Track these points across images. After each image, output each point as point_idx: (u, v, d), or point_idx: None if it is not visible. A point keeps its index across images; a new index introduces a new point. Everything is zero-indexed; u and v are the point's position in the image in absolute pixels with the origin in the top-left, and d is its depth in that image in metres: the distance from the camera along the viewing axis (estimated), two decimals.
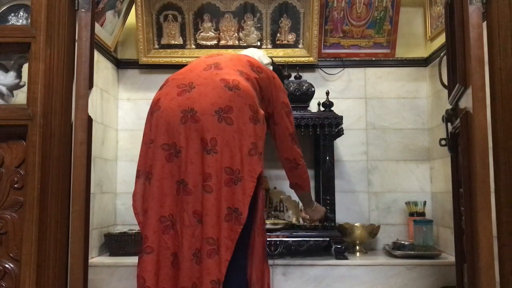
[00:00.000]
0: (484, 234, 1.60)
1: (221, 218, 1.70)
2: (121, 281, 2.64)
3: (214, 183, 1.71)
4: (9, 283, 1.58)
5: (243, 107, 1.80)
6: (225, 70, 1.90)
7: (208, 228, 1.69)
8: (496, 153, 1.65)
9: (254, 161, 1.76)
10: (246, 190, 1.72)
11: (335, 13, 3.20)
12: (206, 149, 1.73)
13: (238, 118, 1.77)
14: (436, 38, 3.09)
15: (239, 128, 1.77)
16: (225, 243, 1.69)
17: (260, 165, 1.78)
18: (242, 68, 1.95)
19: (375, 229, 2.96)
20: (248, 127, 1.78)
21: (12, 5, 1.95)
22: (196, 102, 1.78)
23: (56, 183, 1.66)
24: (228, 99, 1.79)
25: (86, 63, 1.75)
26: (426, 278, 2.63)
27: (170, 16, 3.20)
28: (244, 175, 1.73)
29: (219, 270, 1.67)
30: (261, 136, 1.83)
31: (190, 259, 1.71)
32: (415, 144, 3.26)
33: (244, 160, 1.75)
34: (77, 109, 1.73)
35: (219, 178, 1.72)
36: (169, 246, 1.76)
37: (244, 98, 1.82)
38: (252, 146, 1.76)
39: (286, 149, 2.13)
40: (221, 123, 1.75)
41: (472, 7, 1.68)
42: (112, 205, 3.16)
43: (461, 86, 1.80)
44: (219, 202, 1.71)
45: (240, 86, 1.84)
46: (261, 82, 2.00)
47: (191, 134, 1.75)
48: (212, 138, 1.74)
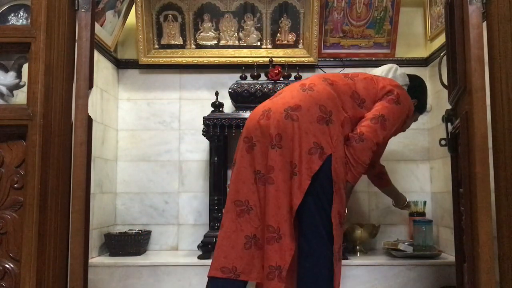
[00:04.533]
0: (484, 234, 1.60)
1: (287, 210, 1.82)
2: (121, 281, 2.64)
3: (276, 176, 1.82)
4: (9, 283, 1.58)
5: (312, 106, 1.87)
6: (310, 78, 2.08)
7: (269, 216, 1.82)
8: (496, 153, 1.65)
9: (313, 160, 1.81)
10: (302, 185, 1.80)
11: (335, 13, 3.20)
12: (272, 144, 1.85)
13: (304, 116, 1.85)
14: (436, 38, 3.09)
15: (303, 126, 1.84)
16: (290, 233, 1.81)
17: (317, 163, 1.81)
18: (329, 76, 2.09)
19: (375, 229, 2.96)
20: (313, 126, 1.85)
21: (12, 5, 1.96)
22: (275, 104, 1.94)
23: (56, 183, 1.66)
24: (299, 98, 1.90)
25: (86, 63, 1.75)
26: (426, 278, 2.63)
27: (170, 16, 3.20)
28: (301, 170, 1.81)
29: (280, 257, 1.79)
30: (332, 136, 1.86)
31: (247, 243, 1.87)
32: (415, 144, 3.26)
33: (302, 158, 1.82)
34: (77, 109, 1.73)
35: (282, 171, 1.83)
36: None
37: (315, 99, 1.90)
38: (313, 146, 1.82)
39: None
40: (287, 119, 1.85)
41: (472, 7, 1.68)
42: (112, 205, 3.16)
43: (461, 86, 1.80)
44: (279, 193, 1.82)
45: (315, 88, 1.94)
46: (357, 84, 2.06)
47: (262, 130, 1.89)
48: (277, 134, 1.85)
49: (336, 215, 1.84)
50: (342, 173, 1.88)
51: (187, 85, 3.31)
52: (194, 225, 3.19)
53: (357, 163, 1.93)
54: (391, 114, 2.03)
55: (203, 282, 1.91)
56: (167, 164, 3.24)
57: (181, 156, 3.25)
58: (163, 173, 3.24)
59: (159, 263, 2.68)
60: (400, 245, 2.79)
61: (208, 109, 2.96)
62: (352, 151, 1.93)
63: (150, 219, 3.20)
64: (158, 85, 3.30)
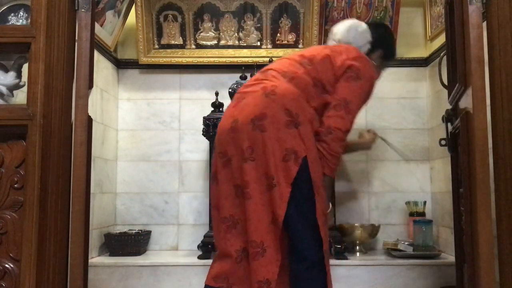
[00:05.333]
0: (484, 234, 1.60)
1: (268, 223, 1.78)
2: (121, 281, 2.64)
3: (252, 190, 1.79)
4: (9, 283, 1.58)
5: (278, 112, 1.82)
6: (271, 73, 1.96)
7: (251, 232, 1.77)
8: (496, 153, 1.65)
9: (289, 166, 1.77)
10: (283, 195, 1.76)
11: (335, 13, 3.20)
12: (244, 158, 1.80)
13: (272, 124, 1.80)
14: (436, 38, 3.09)
15: (273, 134, 1.80)
16: (274, 245, 1.77)
17: (294, 169, 1.77)
18: (289, 67, 1.97)
19: (375, 229, 2.96)
20: (283, 133, 1.80)
21: (12, 5, 1.96)
22: (241, 113, 1.86)
23: (56, 183, 1.66)
24: (263, 105, 1.83)
25: (86, 63, 1.75)
26: (426, 278, 2.63)
27: (170, 16, 3.20)
28: (279, 180, 1.77)
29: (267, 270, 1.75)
30: (303, 138, 1.82)
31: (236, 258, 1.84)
32: (415, 144, 3.26)
33: (278, 167, 1.77)
34: (77, 109, 1.73)
35: (258, 184, 1.79)
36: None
37: (279, 103, 1.83)
38: (286, 152, 1.78)
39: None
40: (255, 131, 1.80)
41: (472, 7, 1.68)
42: (112, 205, 3.16)
43: (461, 86, 1.80)
44: (257, 206, 1.78)
45: (277, 90, 1.86)
46: (317, 69, 1.96)
47: (234, 143, 1.84)
48: (248, 147, 1.80)
49: (321, 215, 1.81)
50: (319, 172, 1.85)
51: (187, 85, 3.31)
52: (194, 225, 3.19)
53: (331, 155, 1.89)
54: (353, 94, 1.97)
55: (203, 282, 1.91)
56: (167, 164, 3.24)
57: (181, 156, 3.25)
58: (163, 173, 3.23)
59: (159, 263, 2.68)
60: (400, 245, 2.79)
61: (208, 109, 2.96)
62: (325, 145, 1.88)
63: (150, 219, 3.20)
64: (158, 85, 3.30)
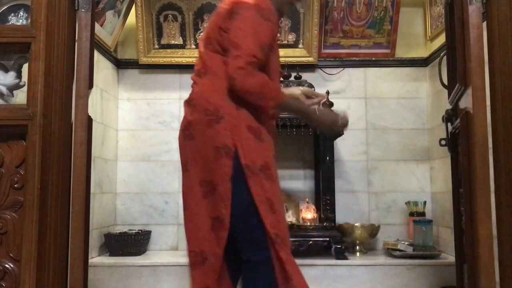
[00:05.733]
0: (484, 234, 1.60)
1: (207, 230, 1.72)
2: (121, 281, 2.64)
3: (187, 200, 1.79)
4: (9, 283, 1.58)
5: (199, 117, 1.76)
6: (193, 77, 1.92)
7: (189, 242, 1.77)
8: (496, 153, 1.65)
9: (222, 163, 1.69)
10: (224, 194, 1.68)
11: (335, 13, 3.20)
12: (183, 169, 1.79)
13: (197, 130, 1.75)
14: (436, 38, 3.09)
15: (199, 139, 1.74)
16: (214, 252, 1.70)
17: (228, 165, 1.68)
18: (198, 62, 1.89)
19: (375, 229, 2.96)
20: (206, 134, 1.73)
21: (12, 5, 1.96)
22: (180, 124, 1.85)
23: (56, 183, 1.66)
24: (189, 114, 1.81)
25: (86, 63, 1.75)
26: (426, 278, 2.63)
27: (170, 16, 3.20)
28: (217, 181, 1.70)
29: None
30: (227, 128, 1.71)
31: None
32: (415, 144, 3.26)
33: (212, 169, 1.70)
34: (77, 109, 1.73)
35: (192, 194, 1.76)
36: None
37: (198, 108, 1.77)
38: (216, 151, 1.71)
39: None
40: (185, 141, 1.78)
41: (472, 7, 1.69)
42: (112, 205, 3.16)
43: (461, 86, 1.80)
44: (193, 217, 1.76)
45: (194, 96, 1.82)
46: (206, 41, 1.82)
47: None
48: (183, 159, 1.78)
49: (264, 201, 1.67)
50: (254, 152, 1.70)
51: (187, 85, 3.23)
52: None
53: (256, 94, 1.70)
54: (236, 30, 1.72)
55: None
56: (167, 164, 3.24)
57: None
58: (163, 173, 3.23)
59: (159, 263, 2.68)
60: (400, 245, 2.79)
61: None
62: (243, 92, 1.69)
63: (150, 219, 3.20)
64: (158, 85, 3.30)
